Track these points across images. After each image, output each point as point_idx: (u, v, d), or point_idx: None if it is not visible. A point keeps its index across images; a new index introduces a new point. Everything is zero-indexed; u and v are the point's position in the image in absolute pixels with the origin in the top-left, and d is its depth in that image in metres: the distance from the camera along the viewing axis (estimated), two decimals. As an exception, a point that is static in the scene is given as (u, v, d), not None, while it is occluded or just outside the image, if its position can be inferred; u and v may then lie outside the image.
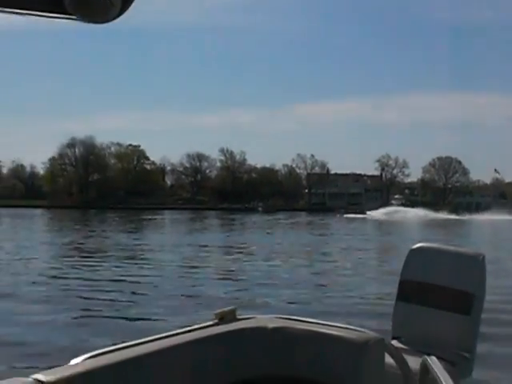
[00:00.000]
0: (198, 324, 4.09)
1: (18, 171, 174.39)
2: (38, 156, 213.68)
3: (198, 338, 3.92)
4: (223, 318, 4.18)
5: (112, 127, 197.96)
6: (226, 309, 4.24)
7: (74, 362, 3.39)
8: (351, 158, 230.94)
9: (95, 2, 2.74)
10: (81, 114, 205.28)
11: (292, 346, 4.05)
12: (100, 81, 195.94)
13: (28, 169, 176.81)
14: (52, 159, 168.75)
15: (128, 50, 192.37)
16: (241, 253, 37.99)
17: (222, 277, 26.30)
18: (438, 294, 4.97)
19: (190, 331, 3.98)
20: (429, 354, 4.40)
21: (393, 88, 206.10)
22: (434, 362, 4.08)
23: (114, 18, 2.86)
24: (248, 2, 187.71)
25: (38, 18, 2.88)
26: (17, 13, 2.82)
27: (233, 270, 28.68)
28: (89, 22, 2.88)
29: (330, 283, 24.83)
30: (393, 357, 4.08)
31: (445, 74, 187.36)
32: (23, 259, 32.71)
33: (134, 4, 2.91)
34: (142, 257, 35.19)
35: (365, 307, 18.94)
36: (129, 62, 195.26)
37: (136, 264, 30.99)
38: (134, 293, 21.51)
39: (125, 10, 2.88)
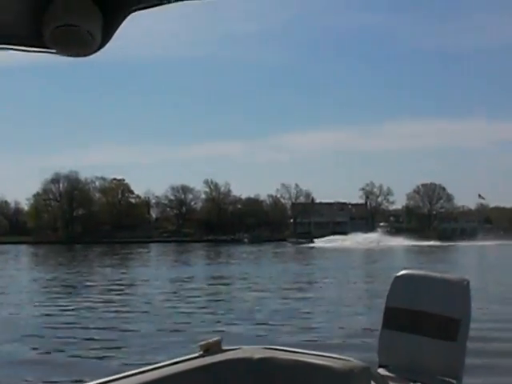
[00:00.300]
0: (183, 356, 4.07)
1: (1, 207, 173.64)
2: (22, 192, 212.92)
3: (184, 371, 3.90)
4: (208, 350, 4.17)
5: (95, 162, 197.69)
6: (210, 340, 4.23)
7: None
8: (336, 187, 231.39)
9: (75, 35, 2.76)
10: (64, 150, 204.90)
11: (278, 376, 4.03)
12: (82, 116, 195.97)
13: (12, 205, 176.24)
14: (36, 195, 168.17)
15: (110, 83, 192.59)
16: (226, 284, 37.94)
17: (207, 309, 26.23)
18: (423, 320, 4.97)
19: (175, 363, 3.96)
20: (415, 382, 4.41)
21: (376, 116, 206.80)
22: (420, 388, 4.09)
23: (95, 52, 2.88)
24: (228, 35, 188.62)
25: (17, 52, 2.90)
26: None
27: (218, 302, 28.65)
28: (69, 55, 2.90)
29: (316, 312, 24.79)
30: (379, 385, 4.07)
31: (428, 101, 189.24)
32: (4, 296, 32.53)
33: (114, 37, 2.94)
34: (126, 291, 35.04)
35: (350, 335, 18.94)
36: (111, 95, 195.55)
37: (120, 298, 30.85)
38: (118, 327, 21.39)
39: (105, 44, 2.91)
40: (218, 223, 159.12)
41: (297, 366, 4.01)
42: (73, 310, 26.61)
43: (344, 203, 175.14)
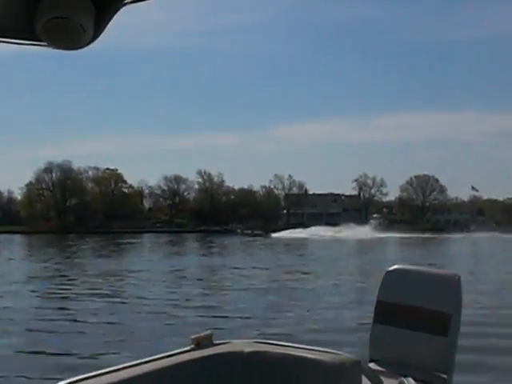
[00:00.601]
0: (174, 350, 4.07)
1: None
2: (14, 181, 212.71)
3: (175, 364, 3.90)
4: (200, 344, 4.16)
5: (89, 152, 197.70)
6: (202, 334, 4.23)
7: None
8: (329, 178, 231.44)
9: (67, 28, 2.75)
10: (57, 140, 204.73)
11: (268, 370, 4.03)
12: (75, 106, 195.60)
13: (5, 194, 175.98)
14: (29, 184, 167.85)
15: (102, 74, 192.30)
16: (218, 275, 37.94)
17: (198, 301, 26.18)
18: (414, 315, 4.97)
19: (166, 357, 3.96)
20: (406, 376, 4.41)
21: (370, 108, 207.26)
22: (410, 383, 4.09)
23: (87, 44, 2.87)
24: (220, 25, 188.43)
25: (9, 44, 2.89)
26: None
27: (209, 294, 28.61)
28: (61, 48, 2.89)
29: (306, 305, 24.79)
30: (370, 379, 4.08)
31: (420, 92, 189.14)
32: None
33: (106, 29, 2.92)
34: (118, 282, 35.03)
35: (341, 328, 18.96)
36: (103, 86, 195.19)
37: (112, 289, 30.81)
38: (109, 319, 21.35)
39: (97, 37, 2.89)
40: (211, 214, 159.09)
41: (287, 359, 4.01)
42: (63, 300, 26.59)
43: (337, 194, 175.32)
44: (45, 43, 2.82)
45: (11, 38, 2.86)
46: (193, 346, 4.15)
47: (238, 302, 25.60)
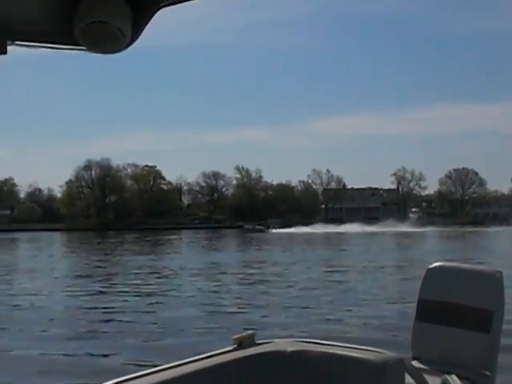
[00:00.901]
0: (216, 350, 4.08)
1: (35, 195, 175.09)
2: (54, 179, 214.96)
3: (217, 364, 3.92)
4: (242, 343, 4.17)
5: (127, 149, 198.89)
6: (244, 333, 4.24)
7: None
8: (367, 172, 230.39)
9: (105, 32, 2.77)
10: (96, 137, 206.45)
11: (311, 369, 4.03)
12: (114, 103, 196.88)
13: (45, 192, 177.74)
14: (69, 182, 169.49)
15: (141, 71, 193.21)
16: (259, 273, 37.86)
17: (240, 299, 26.12)
18: (456, 312, 4.94)
19: (208, 357, 3.98)
20: (449, 373, 4.39)
21: (407, 100, 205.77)
22: (454, 380, 4.07)
23: (125, 48, 2.89)
24: (258, 21, 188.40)
25: (49, 50, 2.92)
26: (28, 46, 2.86)
27: (250, 291, 28.51)
28: (99, 52, 2.92)
29: (348, 302, 24.67)
30: (413, 377, 4.06)
31: (459, 85, 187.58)
32: (40, 282, 32.81)
33: (144, 32, 2.94)
34: (158, 279, 35.10)
35: (383, 325, 18.85)
36: (142, 83, 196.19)
37: (152, 286, 30.95)
38: (151, 317, 21.39)
39: (135, 40, 2.91)
40: (249, 209, 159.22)
41: (330, 358, 4.01)
42: (104, 298, 26.73)
43: (376, 188, 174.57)
44: (83, 47, 2.85)
45: (50, 42, 2.89)
46: (235, 345, 4.16)
47: (279, 299, 25.50)
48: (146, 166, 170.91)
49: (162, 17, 2.87)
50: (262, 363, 4.07)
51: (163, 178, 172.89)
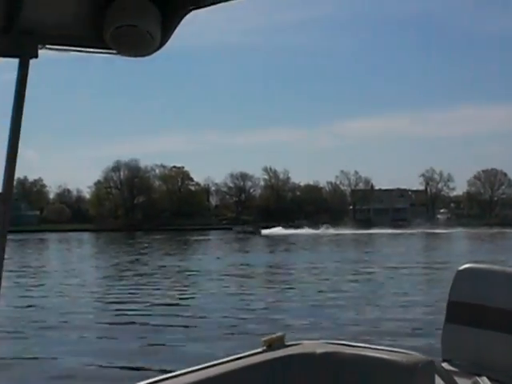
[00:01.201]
0: (246, 351, 4.09)
1: (64, 196, 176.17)
2: (83, 180, 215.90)
3: (247, 366, 3.92)
4: (271, 345, 4.17)
5: (155, 150, 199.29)
6: (274, 335, 4.24)
7: None
8: (395, 174, 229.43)
9: (135, 36, 2.79)
10: (125, 138, 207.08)
11: (341, 371, 4.02)
12: (142, 105, 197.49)
13: (74, 193, 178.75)
14: (97, 183, 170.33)
15: (169, 73, 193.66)
16: (288, 274, 37.84)
17: (268, 300, 26.11)
18: (488, 314, 4.91)
19: (238, 359, 3.98)
20: (480, 376, 4.36)
21: (434, 101, 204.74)
22: (485, 383, 4.04)
23: (155, 51, 2.92)
24: (287, 22, 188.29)
25: (79, 53, 2.95)
26: (59, 49, 2.89)
27: (279, 293, 28.51)
28: (129, 55, 2.94)
29: (377, 303, 24.61)
30: (443, 379, 4.04)
31: (487, 84, 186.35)
32: (71, 284, 33.01)
33: (173, 35, 2.96)
34: (188, 280, 35.23)
35: (413, 328, 18.79)
36: (170, 84, 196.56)
37: (182, 288, 31.02)
38: (181, 320, 21.41)
39: (164, 43, 2.93)
40: (277, 210, 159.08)
41: (359, 360, 4.00)
42: (134, 299, 26.86)
43: (404, 189, 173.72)
44: (114, 51, 2.87)
45: (81, 46, 2.92)
46: (264, 347, 4.16)
47: (308, 301, 25.50)
48: (174, 167, 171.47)
49: (190, 19, 2.88)
50: (291, 365, 4.07)
51: (191, 179, 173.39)
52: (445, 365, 4.79)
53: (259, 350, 4.14)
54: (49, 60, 2.85)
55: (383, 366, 3.89)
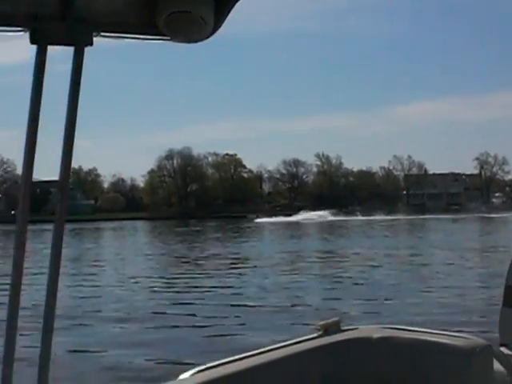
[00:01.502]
0: (302, 336, 4.10)
1: (118, 185, 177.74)
2: (137, 169, 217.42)
3: (303, 351, 3.93)
4: (327, 330, 4.17)
5: (208, 138, 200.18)
6: (330, 320, 4.24)
7: (182, 376, 3.45)
8: (449, 158, 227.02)
9: (188, 21, 2.80)
10: (177, 127, 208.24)
11: (398, 355, 4.01)
12: (193, 93, 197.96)
13: (128, 182, 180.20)
14: (151, 171, 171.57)
15: (220, 60, 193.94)
16: (342, 260, 37.72)
17: (324, 286, 26.09)
18: None
19: (294, 343, 3.99)
20: (539, 361, 4.30)
21: (487, 84, 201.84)
22: (543, 367, 3.99)
23: (208, 36, 2.92)
24: (339, 7, 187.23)
25: (132, 40, 2.97)
26: (114, 37, 2.91)
27: (334, 279, 28.43)
28: (183, 41, 2.95)
29: (431, 287, 24.43)
30: (501, 363, 4.01)
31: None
32: (128, 272, 33.32)
33: (226, 21, 2.96)
34: (242, 266, 35.33)
35: (470, 312, 18.62)
36: (221, 71, 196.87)
37: (239, 274, 31.11)
38: (235, 305, 21.52)
39: (218, 28, 2.93)
40: (330, 196, 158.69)
41: (417, 344, 3.98)
42: (188, 286, 27.03)
43: (458, 174, 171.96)
44: (167, 37, 2.88)
45: (134, 33, 2.93)
46: (320, 332, 4.16)
47: (363, 286, 25.43)
48: (227, 154, 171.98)
49: (242, 5, 2.88)
50: (347, 350, 4.07)
51: (244, 166, 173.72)
52: (503, 349, 4.74)
53: (315, 334, 4.15)
54: (101, 48, 2.87)
55: (441, 350, 3.88)
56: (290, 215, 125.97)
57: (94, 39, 2.81)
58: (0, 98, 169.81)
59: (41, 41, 2.71)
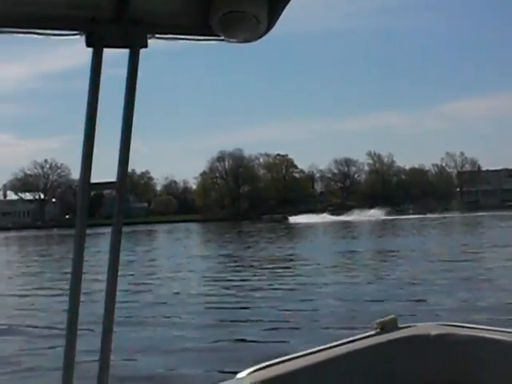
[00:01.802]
0: (359, 334, 4.09)
1: (171, 187, 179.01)
2: (189, 171, 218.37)
3: (360, 349, 3.91)
4: (384, 328, 4.15)
5: (259, 139, 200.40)
6: (386, 318, 4.22)
7: (240, 375, 3.46)
8: (503, 153, 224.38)
9: (242, 21, 2.80)
10: (228, 129, 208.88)
11: (456, 352, 3.98)
12: (244, 94, 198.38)
13: (181, 184, 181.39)
14: (203, 173, 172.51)
15: (270, 60, 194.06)
16: (397, 258, 37.44)
17: (379, 285, 25.87)
18: None
19: (351, 342, 3.98)
20: None
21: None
22: None
23: (261, 36, 2.92)
24: (389, 6, 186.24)
25: (187, 42, 2.98)
26: (168, 38, 2.93)
27: (389, 277, 28.21)
28: (236, 42, 2.96)
29: (489, 286, 24.10)
30: None
31: None
32: (183, 274, 33.44)
33: (279, 20, 2.96)
34: (294, 267, 35.21)
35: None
36: (271, 72, 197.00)
37: (293, 274, 31.02)
38: (288, 305, 21.43)
39: (271, 27, 2.93)
40: (383, 195, 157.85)
41: (476, 341, 3.94)
42: (244, 286, 27.04)
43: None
44: (221, 38, 2.89)
45: (188, 34, 2.95)
46: (377, 330, 4.14)
47: (418, 284, 25.17)
48: (278, 155, 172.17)
49: (295, 4, 2.88)
50: (404, 347, 4.04)
51: (295, 167, 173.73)
52: None
53: (372, 332, 4.13)
54: (153, 50, 2.89)
55: (499, 347, 3.83)
56: (340, 214, 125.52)
57: (150, 41, 2.84)
58: (57, 103, 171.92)
59: (97, 44, 2.73)
